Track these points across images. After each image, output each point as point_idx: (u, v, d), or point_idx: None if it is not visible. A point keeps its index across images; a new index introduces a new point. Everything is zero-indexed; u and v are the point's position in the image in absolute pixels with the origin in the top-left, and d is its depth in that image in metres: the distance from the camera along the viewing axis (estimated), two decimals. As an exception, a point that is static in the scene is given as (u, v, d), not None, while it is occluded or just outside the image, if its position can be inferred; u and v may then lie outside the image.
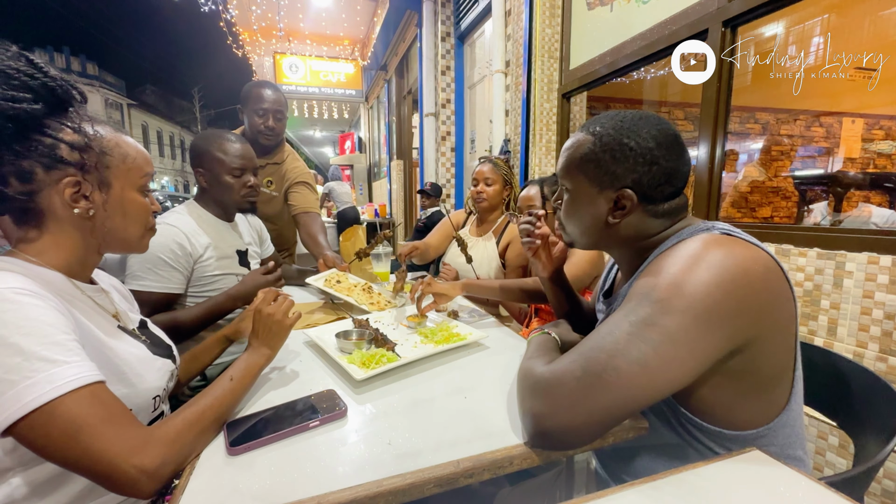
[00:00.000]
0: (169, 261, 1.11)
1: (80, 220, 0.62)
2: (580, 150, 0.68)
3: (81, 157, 0.59)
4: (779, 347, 0.58)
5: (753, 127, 4.88)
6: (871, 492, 1.03)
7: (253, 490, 0.50)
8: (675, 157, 0.64)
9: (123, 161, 0.65)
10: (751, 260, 0.55)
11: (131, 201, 0.67)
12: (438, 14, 3.98)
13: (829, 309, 1.13)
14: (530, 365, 0.63)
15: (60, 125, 0.59)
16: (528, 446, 0.57)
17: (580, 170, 0.68)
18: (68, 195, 0.59)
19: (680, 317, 0.52)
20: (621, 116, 0.67)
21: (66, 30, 51.74)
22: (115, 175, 0.64)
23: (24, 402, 0.47)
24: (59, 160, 0.58)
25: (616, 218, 0.67)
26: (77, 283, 0.65)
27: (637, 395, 0.52)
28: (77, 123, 0.60)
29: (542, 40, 2.37)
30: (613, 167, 0.65)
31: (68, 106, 0.61)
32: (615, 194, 0.65)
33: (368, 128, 8.38)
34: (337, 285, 1.35)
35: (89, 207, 0.61)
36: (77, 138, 0.59)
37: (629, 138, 0.64)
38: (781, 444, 0.61)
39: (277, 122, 1.68)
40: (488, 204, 1.69)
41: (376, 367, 0.80)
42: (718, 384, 0.58)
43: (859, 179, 2.72)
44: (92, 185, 0.61)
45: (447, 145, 4.10)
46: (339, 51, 6.89)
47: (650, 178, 0.64)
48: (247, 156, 1.27)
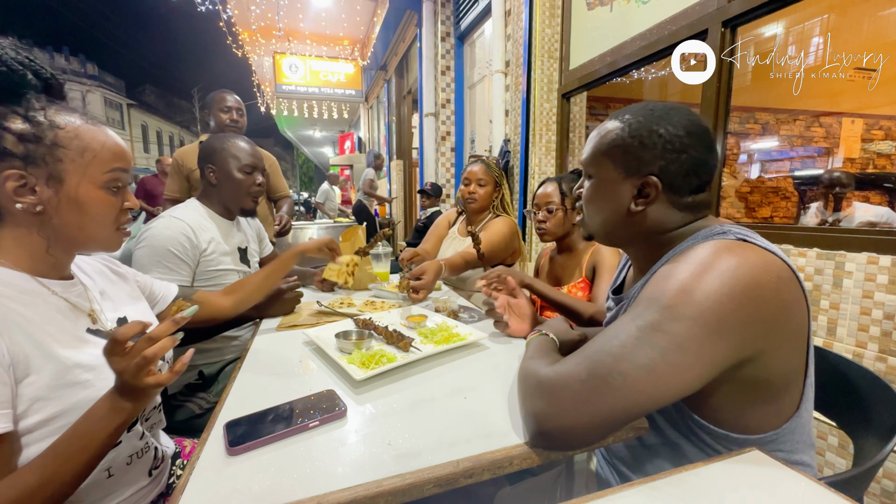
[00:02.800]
0: (178, 253, 1.13)
1: (30, 217, 0.57)
2: (608, 136, 0.67)
3: (27, 149, 0.54)
4: (790, 356, 0.58)
5: (753, 127, 4.88)
6: (871, 492, 1.04)
7: (253, 490, 0.50)
8: (704, 149, 0.63)
9: (81, 154, 0.59)
10: (763, 269, 0.54)
11: (89, 198, 0.60)
12: (438, 14, 3.98)
13: (829, 309, 1.13)
14: (532, 366, 0.63)
15: (11, 113, 0.54)
16: (529, 446, 0.57)
17: (606, 155, 0.67)
18: (10, 189, 0.55)
19: (689, 324, 0.51)
20: (652, 106, 0.66)
21: (65, 30, 51.70)
22: (70, 169, 0.58)
23: None
24: (3, 152, 0.53)
25: (639, 206, 0.65)
26: (44, 282, 0.61)
27: (642, 401, 0.52)
28: (27, 112, 0.55)
29: (541, 40, 2.37)
30: (641, 153, 0.63)
31: (22, 92, 0.55)
32: (640, 181, 0.64)
33: (368, 128, 8.38)
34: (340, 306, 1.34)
35: (35, 203, 0.56)
36: (26, 128, 0.55)
37: (659, 125, 0.63)
38: (789, 449, 0.61)
39: (240, 117, 2.02)
40: (478, 205, 1.70)
41: (376, 368, 0.80)
42: (728, 391, 0.58)
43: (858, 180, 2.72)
44: (39, 179, 0.56)
45: (447, 145, 4.11)
46: (339, 51, 6.89)
47: (677, 167, 0.63)
48: (257, 155, 1.31)
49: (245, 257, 1.36)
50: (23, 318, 0.56)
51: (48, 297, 0.60)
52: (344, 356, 0.87)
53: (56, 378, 0.56)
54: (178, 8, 56.32)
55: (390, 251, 1.54)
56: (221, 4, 5.00)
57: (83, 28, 50.54)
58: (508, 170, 2.67)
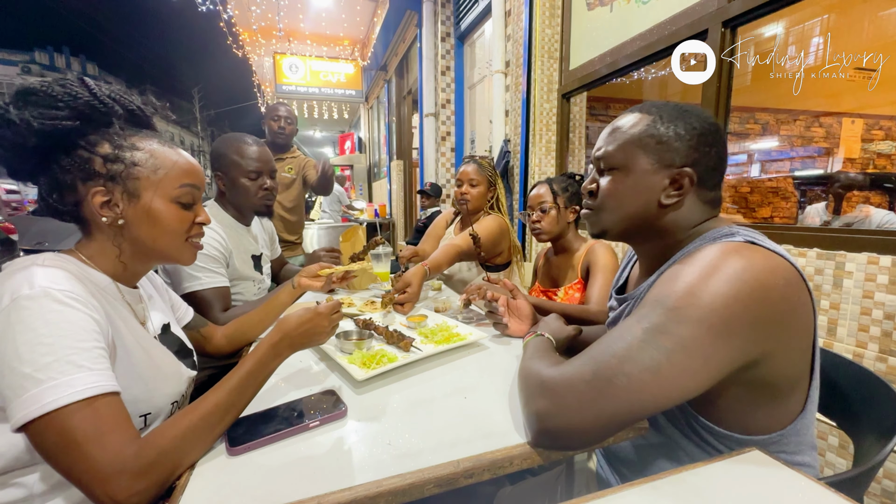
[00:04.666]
0: (217, 256, 1.16)
1: (114, 229, 0.65)
2: (638, 125, 0.66)
3: (110, 169, 0.63)
4: (796, 359, 0.57)
5: (753, 127, 4.88)
6: (871, 492, 1.04)
7: (253, 490, 0.50)
8: (724, 144, 0.65)
9: (155, 172, 0.67)
10: (770, 272, 0.53)
11: (161, 211, 0.67)
12: (438, 14, 3.98)
13: (829, 309, 1.13)
14: (534, 366, 0.62)
15: (102, 140, 0.64)
16: (531, 445, 0.57)
17: (638, 145, 0.65)
18: (97, 204, 0.63)
19: (695, 326, 0.51)
20: (672, 102, 0.67)
21: (66, 30, 51.76)
22: (145, 186, 0.66)
23: (43, 402, 0.49)
24: (92, 172, 0.62)
25: (671, 198, 0.64)
26: (120, 288, 0.69)
27: (646, 403, 0.52)
28: (113, 138, 0.64)
29: (541, 40, 2.37)
30: (677, 143, 0.63)
31: (111, 121, 0.65)
32: (675, 172, 0.63)
33: (368, 128, 8.38)
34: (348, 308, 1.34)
35: (117, 217, 0.64)
36: (110, 151, 0.64)
37: (692, 119, 0.63)
38: (792, 450, 0.60)
39: (288, 125, 2.27)
40: (471, 206, 1.69)
41: (377, 368, 0.80)
42: (733, 393, 0.57)
43: (859, 180, 2.72)
44: (119, 195, 0.64)
45: (447, 145, 4.10)
46: (339, 51, 6.89)
47: (708, 160, 0.63)
48: (263, 158, 1.28)
49: (259, 265, 1.36)
50: (109, 315, 0.62)
51: (122, 301, 0.68)
52: (345, 356, 0.87)
53: (128, 370, 0.63)
54: (179, 8, 56.47)
55: (390, 251, 1.53)
56: (222, 4, 5.00)
57: (84, 29, 50.61)
58: (508, 170, 2.67)
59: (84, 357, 0.53)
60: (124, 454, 0.50)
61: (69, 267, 0.60)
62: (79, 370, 0.51)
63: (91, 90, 0.63)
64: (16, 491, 0.55)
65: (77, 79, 0.63)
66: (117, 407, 0.54)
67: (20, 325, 0.51)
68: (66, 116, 0.60)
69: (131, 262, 0.69)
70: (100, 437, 0.50)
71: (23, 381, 0.49)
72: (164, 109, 25.77)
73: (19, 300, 0.52)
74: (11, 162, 0.61)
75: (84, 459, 0.49)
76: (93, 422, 0.50)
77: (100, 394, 0.52)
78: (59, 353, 0.51)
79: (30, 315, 0.52)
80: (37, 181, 0.64)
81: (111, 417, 0.52)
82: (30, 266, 0.56)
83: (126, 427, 0.53)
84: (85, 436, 0.49)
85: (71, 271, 0.59)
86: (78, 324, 0.54)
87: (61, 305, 0.54)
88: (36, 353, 0.50)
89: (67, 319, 0.53)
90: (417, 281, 1.26)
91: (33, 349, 0.50)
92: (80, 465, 0.49)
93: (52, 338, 0.51)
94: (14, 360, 0.50)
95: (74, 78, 0.63)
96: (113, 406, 0.53)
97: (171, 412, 0.70)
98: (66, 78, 0.62)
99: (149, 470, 0.51)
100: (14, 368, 0.50)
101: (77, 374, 0.51)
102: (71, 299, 0.55)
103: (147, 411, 0.65)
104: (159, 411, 0.67)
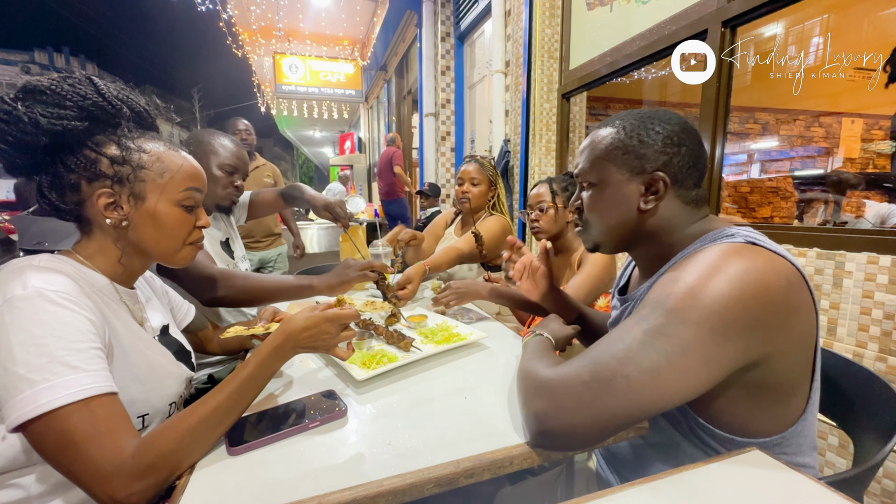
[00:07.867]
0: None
1: (117, 230, 0.65)
2: (604, 140, 0.67)
3: (117, 171, 0.63)
4: (797, 360, 0.57)
5: (753, 127, 4.89)
6: (871, 492, 1.04)
7: (253, 490, 0.50)
8: (697, 142, 0.66)
9: (160, 175, 0.66)
10: (772, 273, 0.53)
11: (165, 213, 0.67)
12: (438, 14, 3.98)
13: (829, 309, 1.13)
14: (532, 366, 0.62)
15: (109, 141, 0.63)
16: (530, 446, 0.57)
17: (607, 159, 0.67)
18: (102, 205, 0.63)
19: (695, 328, 0.50)
20: (637, 111, 0.68)
21: (65, 30, 51.73)
22: (151, 188, 0.66)
23: (38, 403, 0.49)
24: (98, 173, 0.62)
25: (649, 203, 0.65)
26: (118, 288, 0.68)
27: (645, 404, 0.51)
28: (120, 140, 0.64)
29: (541, 40, 2.37)
30: (643, 150, 0.64)
31: (118, 122, 0.65)
32: (647, 178, 0.64)
33: (368, 128, 8.38)
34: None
35: (122, 218, 0.64)
36: (117, 153, 0.63)
37: (653, 124, 0.64)
38: (793, 452, 0.60)
39: (248, 136, 2.64)
40: (472, 205, 1.68)
41: (377, 368, 0.80)
42: (733, 394, 0.57)
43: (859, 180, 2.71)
44: (124, 197, 0.64)
45: (447, 145, 4.11)
46: (339, 51, 6.90)
47: (679, 160, 0.64)
48: (242, 158, 1.27)
49: (228, 248, 1.33)
50: (105, 316, 0.62)
51: (119, 302, 0.68)
52: (344, 356, 0.87)
53: (126, 371, 0.63)
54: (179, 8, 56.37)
55: (390, 251, 1.53)
56: (221, 4, 5.00)
57: (83, 28, 50.58)
58: (508, 170, 2.67)
59: (79, 358, 0.52)
60: (123, 454, 0.50)
61: (64, 268, 0.60)
62: (73, 371, 0.51)
63: (99, 90, 0.62)
64: (13, 492, 0.55)
65: (85, 77, 0.63)
66: (115, 407, 0.54)
67: (14, 325, 0.51)
68: (74, 116, 0.59)
69: (129, 263, 0.69)
70: (98, 438, 0.50)
71: (17, 382, 0.49)
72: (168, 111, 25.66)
73: (13, 301, 0.52)
74: (13, 158, 0.60)
75: (83, 459, 0.49)
76: (90, 422, 0.50)
77: (96, 395, 0.52)
78: (54, 354, 0.51)
79: (23, 316, 0.52)
80: (35, 178, 0.63)
81: (108, 418, 0.52)
82: (23, 268, 0.56)
83: (124, 427, 0.53)
84: (83, 436, 0.49)
85: (66, 272, 0.59)
86: (72, 324, 0.54)
87: (55, 306, 0.53)
88: (30, 354, 0.50)
89: (61, 320, 0.53)
90: (418, 275, 1.30)
91: (27, 350, 0.50)
92: (80, 465, 0.49)
93: (46, 338, 0.51)
94: (8, 361, 0.50)
95: (82, 76, 0.63)
96: (110, 406, 0.53)
97: (168, 413, 0.70)
98: (72, 75, 0.62)
99: (147, 471, 0.51)
100: (8, 369, 0.49)
101: (71, 376, 0.51)
102: (64, 300, 0.55)
103: (145, 412, 0.65)
104: (157, 412, 0.67)
